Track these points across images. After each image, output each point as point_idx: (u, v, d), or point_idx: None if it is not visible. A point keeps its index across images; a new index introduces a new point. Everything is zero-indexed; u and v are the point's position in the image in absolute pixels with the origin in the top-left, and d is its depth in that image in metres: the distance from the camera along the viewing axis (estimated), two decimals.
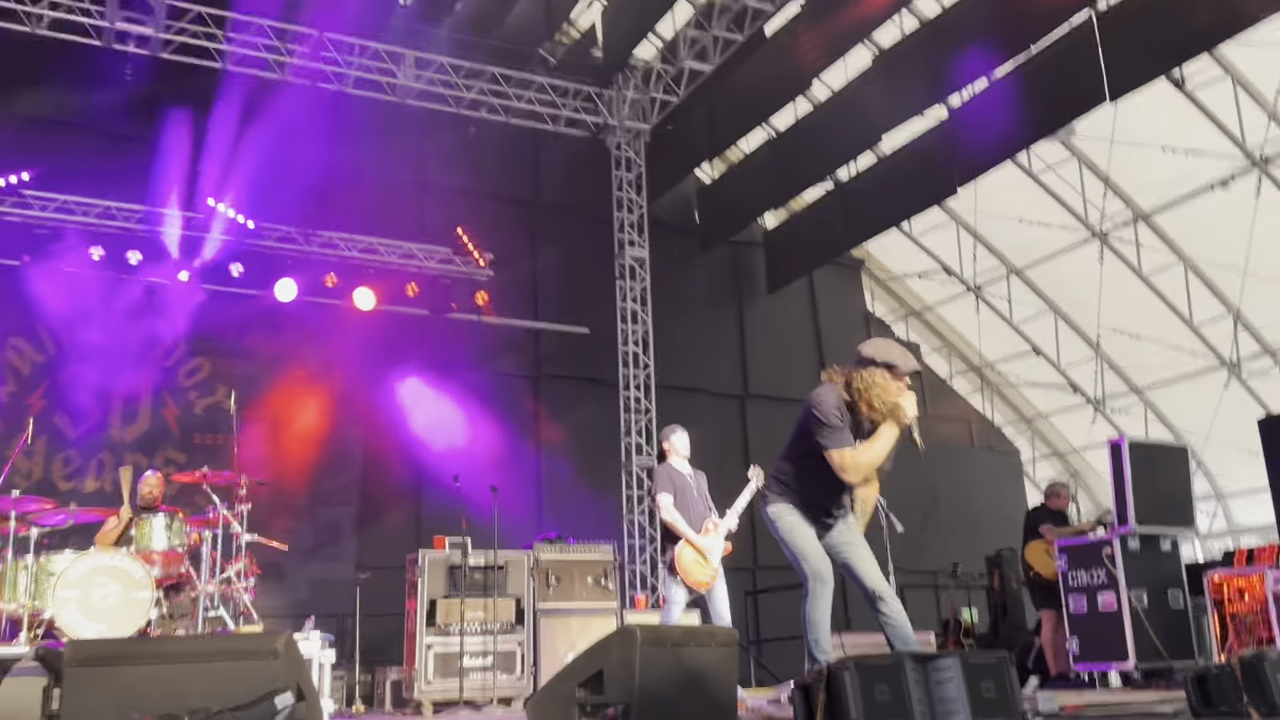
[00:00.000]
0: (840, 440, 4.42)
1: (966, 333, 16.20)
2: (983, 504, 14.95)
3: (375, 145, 11.28)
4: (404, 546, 9.42)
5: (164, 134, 10.09)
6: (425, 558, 8.26)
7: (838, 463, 4.42)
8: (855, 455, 4.41)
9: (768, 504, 4.71)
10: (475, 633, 8.17)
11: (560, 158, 12.97)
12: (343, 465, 10.93)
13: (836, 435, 4.42)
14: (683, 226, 14.04)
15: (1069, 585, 7.47)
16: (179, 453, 10.26)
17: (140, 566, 6.51)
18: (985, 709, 2.70)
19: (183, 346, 10.61)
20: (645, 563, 11.85)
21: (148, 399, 10.36)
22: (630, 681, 3.94)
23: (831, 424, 4.42)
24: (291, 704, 3.29)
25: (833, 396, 4.49)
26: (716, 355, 13.90)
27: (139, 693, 3.27)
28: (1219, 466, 14.49)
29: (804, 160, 12.34)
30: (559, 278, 12.61)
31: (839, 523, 4.67)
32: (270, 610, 9.28)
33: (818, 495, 4.60)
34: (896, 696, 2.65)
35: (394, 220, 11.47)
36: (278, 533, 8.51)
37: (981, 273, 14.95)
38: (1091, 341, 14.63)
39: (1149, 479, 7.28)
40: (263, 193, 10.57)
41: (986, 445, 16.01)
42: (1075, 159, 12.84)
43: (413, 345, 11.41)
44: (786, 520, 4.62)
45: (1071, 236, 13.52)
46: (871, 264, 15.86)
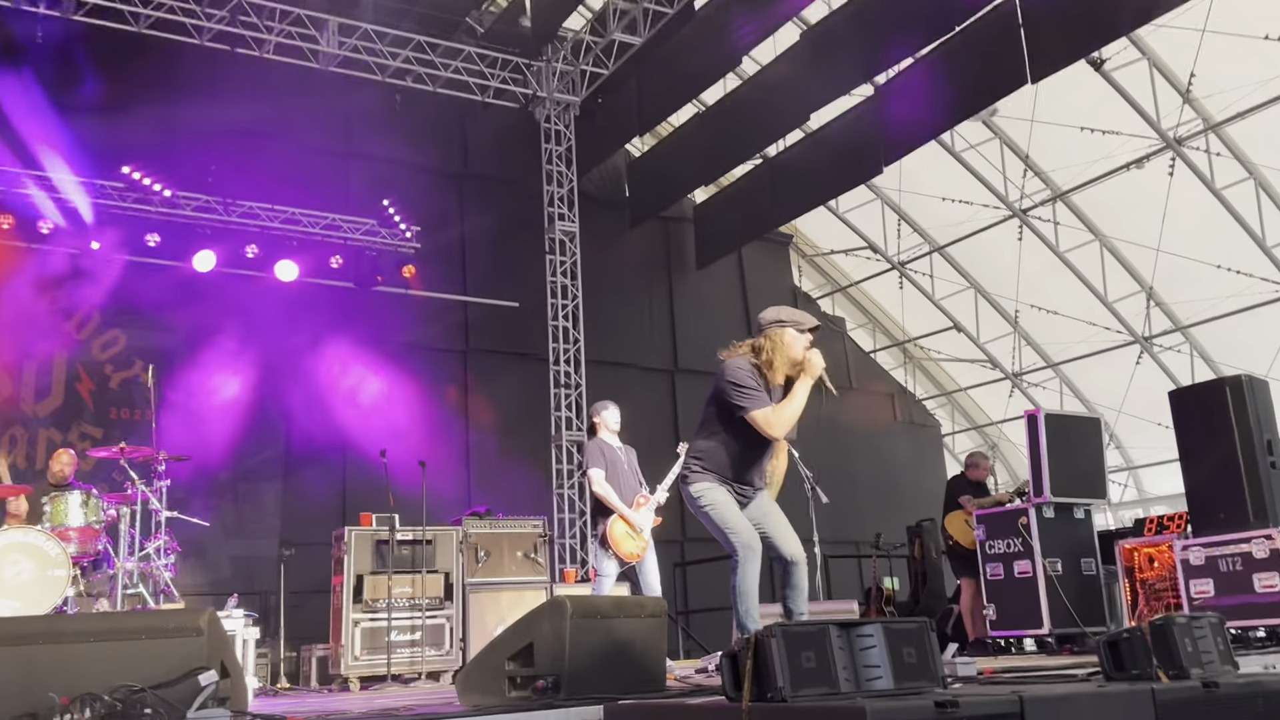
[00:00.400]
0: (759, 402, 4.60)
1: (890, 308, 16.50)
2: (904, 475, 15.28)
3: (298, 114, 11.01)
4: (329, 523, 9.34)
5: (78, 99, 9.73)
6: (352, 534, 8.17)
7: (761, 423, 4.57)
8: (776, 413, 4.60)
9: (689, 483, 4.80)
10: (403, 608, 8.12)
11: (489, 129, 12.82)
12: (266, 440, 10.71)
13: (754, 398, 4.61)
14: (612, 201, 14.01)
15: (986, 554, 7.68)
16: (95, 427, 9.97)
17: (55, 544, 6.33)
18: (907, 673, 2.77)
19: (97, 318, 10.28)
20: (575, 537, 11.89)
21: (61, 372, 10.03)
22: (560, 653, 3.96)
23: (748, 388, 4.61)
24: (215, 682, 3.24)
25: (744, 365, 4.69)
26: (646, 330, 13.94)
27: (56, 672, 3.19)
28: (1130, 438, 15.02)
29: (734, 136, 12.38)
30: (488, 251, 12.49)
31: (757, 495, 4.81)
32: (191, 588, 9.12)
33: (738, 469, 4.72)
34: (821, 662, 2.70)
35: (318, 191, 11.22)
36: (199, 509, 8.34)
37: (905, 250, 15.22)
38: (1009, 317, 15.01)
39: (1063, 450, 7.50)
40: (180, 161, 10.28)
41: (908, 419, 16.34)
42: (997, 139, 13.12)
43: (338, 318, 11.21)
44: (710, 497, 4.72)
45: (992, 215, 13.83)
46: (799, 240, 16.03)
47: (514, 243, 12.56)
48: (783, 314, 4.80)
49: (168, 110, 10.40)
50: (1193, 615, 3.22)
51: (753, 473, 4.78)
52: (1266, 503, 6.45)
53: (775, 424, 4.59)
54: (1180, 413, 7.07)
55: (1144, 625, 3.06)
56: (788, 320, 4.75)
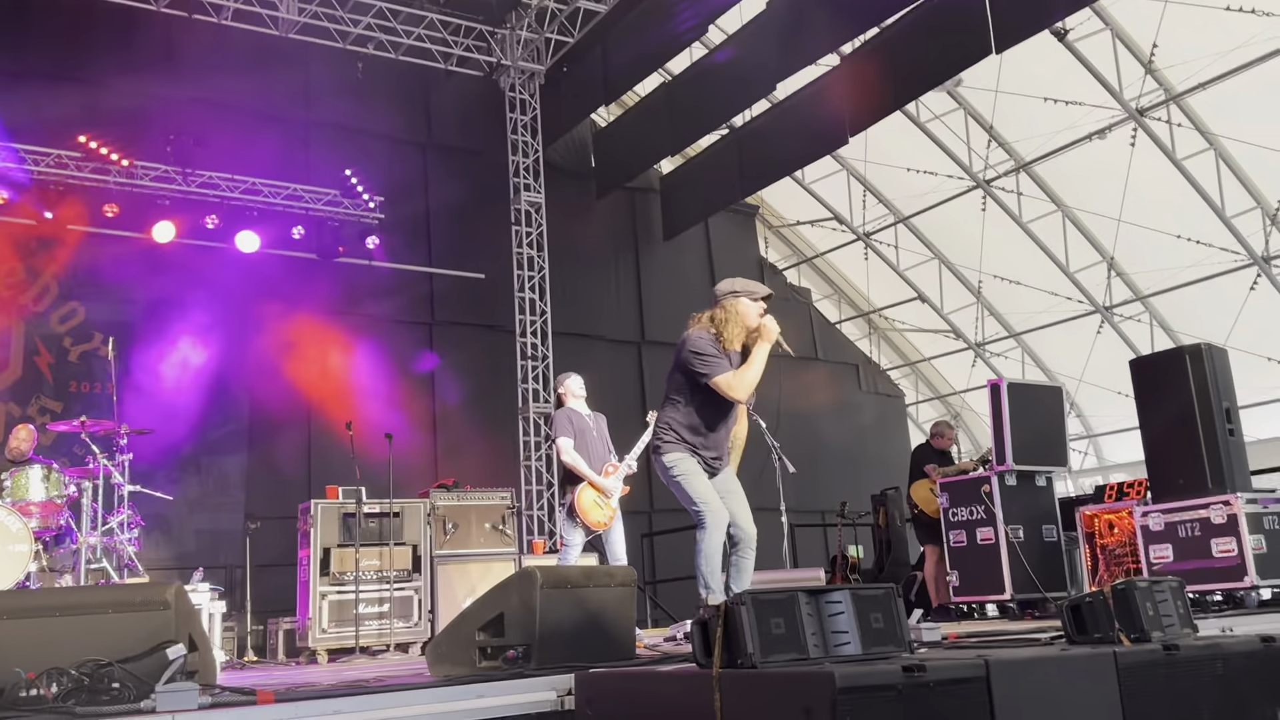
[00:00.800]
0: (720, 368, 4.83)
1: (855, 279, 16.57)
2: (869, 445, 15.43)
3: (258, 82, 10.82)
4: (295, 496, 9.27)
5: (32, 66, 9.51)
6: (318, 507, 8.13)
7: (724, 387, 4.81)
8: (738, 377, 4.84)
9: (661, 453, 4.97)
10: (371, 580, 8.11)
11: (453, 98, 12.68)
12: (229, 414, 10.60)
13: (716, 364, 4.83)
14: (579, 171, 13.92)
15: (950, 521, 7.78)
16: (54, 401, 9.81)
17: (16, 519, 6.25)
18: (874, 639, 2.81)
19: (55, 290, 10.09)
20: (543, 508, 11.90)
21: (19, 345, 9.84)
22: (531, 623, 3.98)
23: (709, 355, 4.85)
24: (184, 655, 3.23)
25: (705, 335, 4.91)
26: (613, 301, 13.91)
27: (22, 647, 3.17)
28: (1091, 407, 15.24)
29: (700, 106, 12.33)
30: (453, 222, 12.38)
31: (723, 470, 5.03)
32: (156, 562, 9.05)
33: (705, 438, 4.94)
34: (790, 629, 2.73)
35: (279, 161, 11.05)
36: (162, 483, 8.27)
37: (870, 221, 15.28)
38: (973, 288, 15.14)
39: (1025, 419, 7.60)
40: (138, 131, 10.08)
41: (873, 389, 16.47)
42: (961, 109, 13.17)
43: (301, 289, 11.07)
44: (682, 467, 4.90)
45: (956, 185, 13.90)
46: (766, 211, 16.03)
47: (479, 213, 12.46)
48: (736, 285, 5.02)
49: (125, 79, 10.20)
50: (1153, 580, 3.28)
51: (720, 442, 4.99)
52: (1224, 469, 6.58)
53: (737, 387, 4.82)
54: (1140, 381, 7.18)
55: (1106, 590, 3.12)
56: (741, 290, 4.99)
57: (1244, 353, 10.34)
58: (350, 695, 3.25)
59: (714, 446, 4.96)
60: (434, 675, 4.18)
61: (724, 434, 5.01)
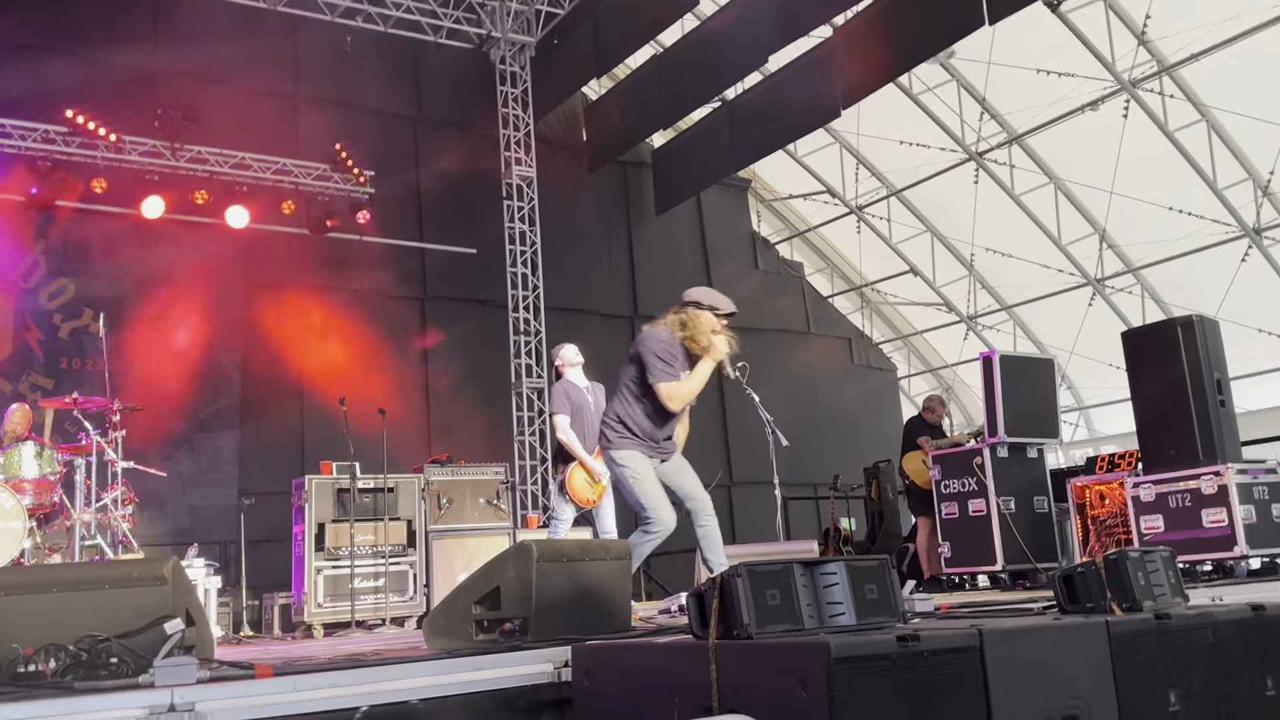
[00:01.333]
0: (664, 374, 4.96)
1: (847, 253, 16.57)
2: (861, 418, 15.48)
3: (246, 56, 10.72)
4: (288, 471, 9.27)
5: (15, 39, 9.40)
6: (312, 482, 8.14)
7: (664, 394, 4.96)
8: (679, 387, 4.98)
9: (612, 448, 5.11)
10: (366, 555, 8.13)
11: (443, 71, 12.59)
12: (221, 389, 10.58)
13: (662, 370, 4.96)
14: (570, 145, 13.86)
15: (942, 493, 7.82)
16: (45, 378, 9.77)
17: (10, 496, 6.25)
18: (869, 609, 2.82)
19: (43, 267, 10.03)
20: (536, 483, 11.92)
21: (8, 322, 9.79)
22: (527, 596, 4.00)
23: (663, 359, 4.97)
24: (181, 630, 3.24)
25: (665, 336, 5.03)
26: (606, 276, 13.88)
27: (19, 623, 3.18)
28: (1082, 379, 15.30)
29: (692, 79, 12.26)
30: (444, 196, 12.30)
31: (672, 456, 5.23)
32: (150, 538, 9.05)
33: (656, 431, 5.10)
34: (786, 600, 2.75)
35: (268, 135, 10.97)
36: (155, 459, 8.27)
37: (863, 194, 15.26)
38: (965, 261, 15.14)
39: (1017, 391, 7.63)
40: (126, 105, 9.98)
41: (865, 362, 16.50)
42: (954, 81, 13.12)
43: (291, 265, 11.03)
44: (635, 468, 5.07)
45: (949, 158, 13.88)
46: (758, 185, 16.00)
47: (471, 188, 12.39)
48: (703, 296, 5.14)
49: (112, 52, 10.10)
50: (1145, 549, 3.31)
51: (666, 435, 5.17)
52: (1215, 440, 6.61)
53: (674, 398, 4.98)
54: (1132, 353, 7.20)
55: (1098, 560, 3.14)
56: (705, 303, 5.09)
57: (1235, 324, 10.38)
58: (348, 669, 3.27)
59: (665, 439, 5.15)
60: (431, 648, 4.20)
61: (674, 427, 5.21)
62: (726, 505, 14.02)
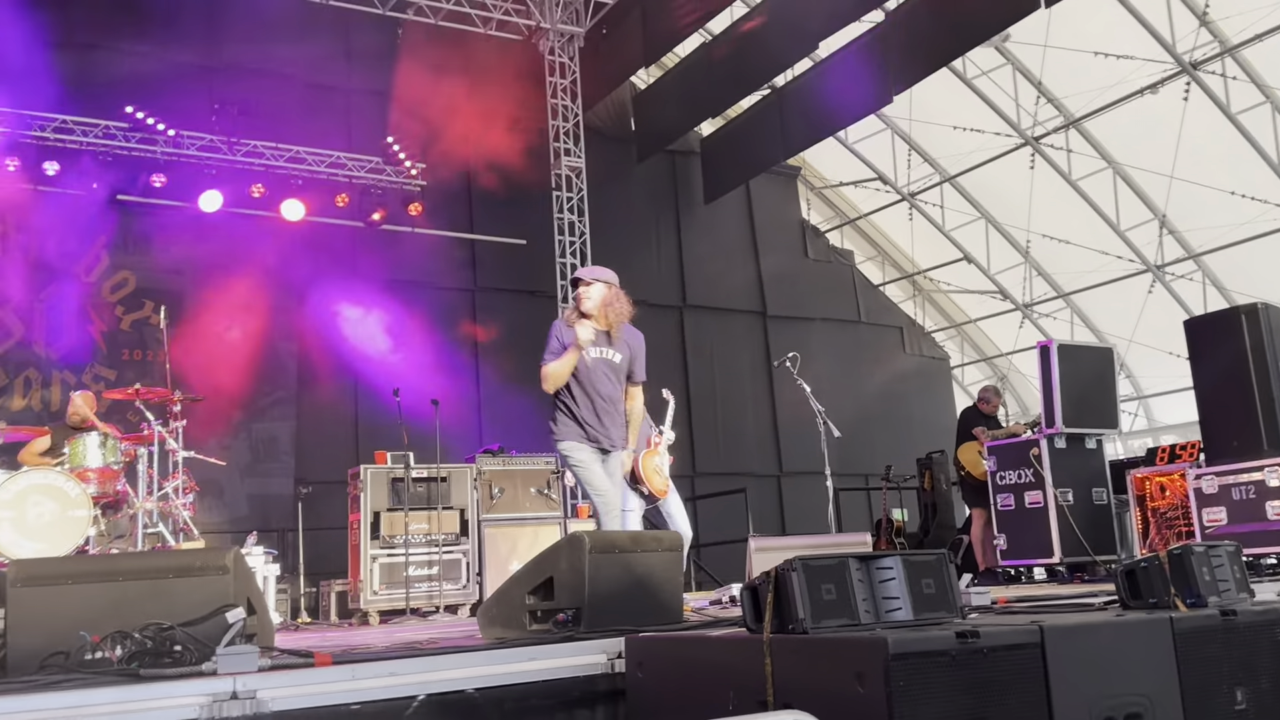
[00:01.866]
0: (549, 356, 5.18)
1: (899, 240, 16.38)
2: (913, 408, 15.33)
3: (300, 50, 10.84)
4: (343, 461, 9.40)
5: (78, 38, 9.59)
6: (367, 472, 8.24)
7: (541, 373, 5.19)
8: (546, 368, 5.16)
9: (556, 439, 5.23)
10: (420, 544, 8.22)
11: (492, 62, 12.62)
12: (277, 380, 10.76)
13: (546, 352, 5.20)
14: (619, 135, 13.85)
15: (997, 485, 7.72)
16: (108, 369, 10.00)
17: (76, 484, 6.39)
18: (926, 604, 2.80)
19: (106, 260, 10.26)
20: None
21: (73, 315, 10.03)
22: (580, 587, 4.01)
23: (550, 341, 5.21)
24: (243, 618, 3.30)
25: (558, 320, 5.34)
26: (654, 266, 13.87)
27: (87, 611, 3.25)
28: (1141, 368, 15.00)
29: (741, 66, 12.18)
30: (494, 188, 12.35)
31: (613, 456, 5.29)
32: (210, 526, 9.23)
33: (591, 416, 5.20)
34: (841, 595, 2.73)
35: (322, 129, 11.10)
36: (214, 449, 8.42)
37: (915, 180, 15.07)
38: (1020, 248, 14.91)
39: (1075, 381, 7.50)
40: (183, 101, 10.16)
41: (917, 351, 16.33)
42: (1009, 65, 12.90)
43: (345, 257, 11.18)
44: (577, 456, 5.20)
45: (1004, 143, 13.65)
46: (808, 172, 15.87)
47: (520, 179, 12.43)
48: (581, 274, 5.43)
49: (170, 49, 10.27)
50: (1210, 543, 3.23)
51: (606, 424, 5.22)
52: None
53: (544, 378, 5.18)
54: (1195, 341, 7.05)
55: (1161, 554, 3.08)
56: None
57: None
58: (405, 657, 3.31)
59: (601, 426, 5.20)
60: (486, 638, 4.23)
61: (610, 411, 5.25)
62: (776, 496, 13.99)
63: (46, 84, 9.47)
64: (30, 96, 9.45)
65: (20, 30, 9.24)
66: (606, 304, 5.26)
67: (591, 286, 5.29)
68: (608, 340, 5.29)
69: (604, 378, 5.23)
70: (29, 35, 9.31)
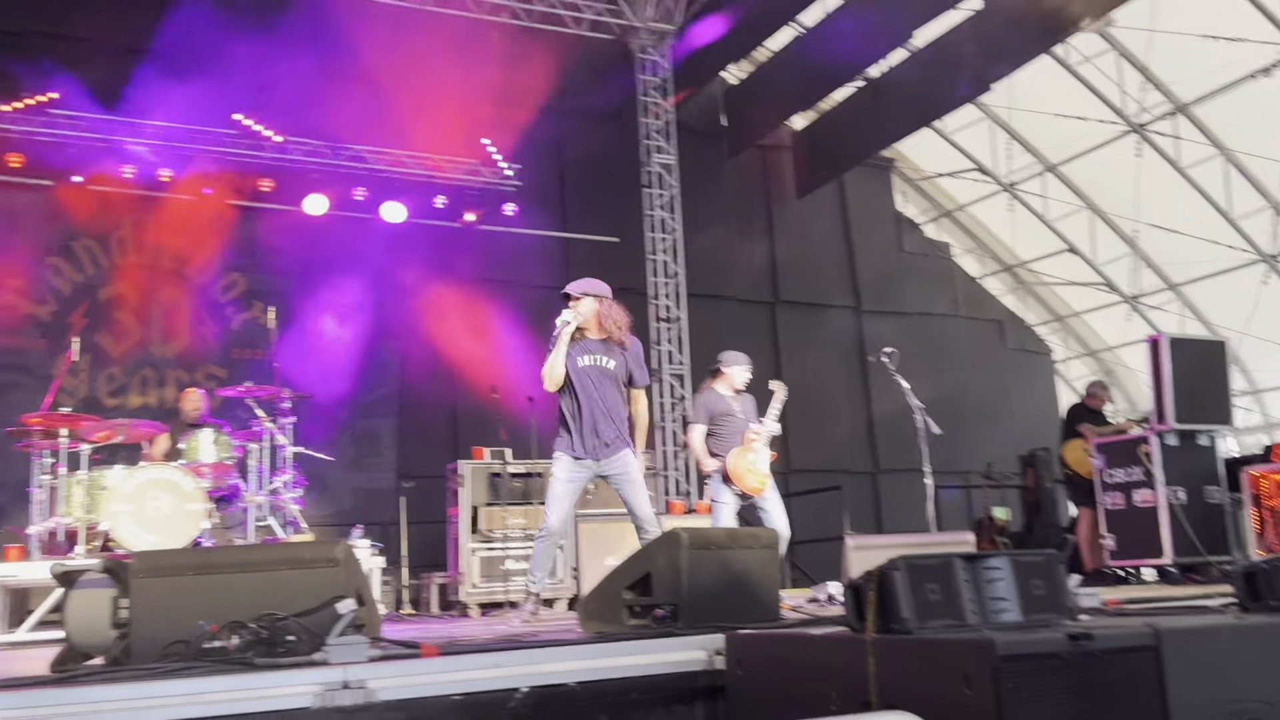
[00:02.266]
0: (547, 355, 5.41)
1: (999, 232, 15.99)
2: (1014, 404, 14.97)
3: (397, 55, 11.07)
4: (443, 456, 9.60)
5: (188, 48, 9.96)
6: (466, 467, 8.40)
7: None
8: (543, 367, 5.42)
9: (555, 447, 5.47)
10: (517, 538, 8.34)
11: (584, 62, 12.71)
12: (380, 377, 11.04)
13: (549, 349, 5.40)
14: (710, 131, 13.81)
15: (1105, 483, 7.51)
16: (219, 368, 10.40)
17: (190, 479, 6.66)
18: (1035, 606, 2.74)
19: (216, 263, 10.65)
20: (679, 469, 11.98)
21: (185, 315, 10.45)
22: (677, 583, 4.04)
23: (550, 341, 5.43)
24: (353, 609, 3.39)
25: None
26: (745, 262, 13.81)
27: (203, 601, 3.38)
28: (1256, 361, 14.38)
29: (834, 58, 12.01)
30: (586, 186, 12.48)
31: (616, 458, 5.35)
32: (316, 519, 9.49)
33: (580, 424, 5.34)
34: (947, 595, 2.69)
35: (419, 132, 11.32)
36: (320, 444, 8.66)
37: (1015, 170, 14.68)
38: (1127, 238, 14.42)
39: (1187, 375, 7.25)
40: (287, 107, 10.47)
41: (1019, 345, 15.93)
42: (1113, 50, 12.48)
43: (443, 257, 11.39)
44: (554, 469, 5.43)
45: (1108, 130, 13.21)
46: (902, 164, 15.60)
47: (612, 177, 12.52)
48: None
49: (271, 57, 10.57)
50: None
51: (601, 431, 5.33)
52: None
53: (542, 376, 5.41)
54: None
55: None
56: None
57: None
58: (509, 649, 3.37)
59: (596, 436, 5.31)
60: (585, 632, 4.29)
61: (605, 418, 5.34)
62: (871, 494, 13.81)
63: (157, 93, 9.87)
64: (142, 106, 9.84)
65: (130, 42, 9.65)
66: (602, 315, 5.45)
67: (580, 301, 5.47)
68: (604, 348, 5.46)
69: (599, 385, 5.40)
70: (139, 46, 9.73)
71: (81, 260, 10.22)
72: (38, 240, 9.91)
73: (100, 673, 3.30)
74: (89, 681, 2.99)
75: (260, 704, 2.85)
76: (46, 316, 9.92)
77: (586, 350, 5.43)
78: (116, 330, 10.16)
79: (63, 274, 10.13)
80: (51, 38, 10.02)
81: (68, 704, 2.73)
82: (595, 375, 5.42)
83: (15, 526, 7.00)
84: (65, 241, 10.08)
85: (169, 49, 9.91)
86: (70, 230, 9.97)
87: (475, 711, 3.05)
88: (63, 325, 9.77)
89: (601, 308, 5.48)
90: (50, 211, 9.75)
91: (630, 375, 5.54)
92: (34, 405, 7.19)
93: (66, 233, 9.99)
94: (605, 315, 5.47)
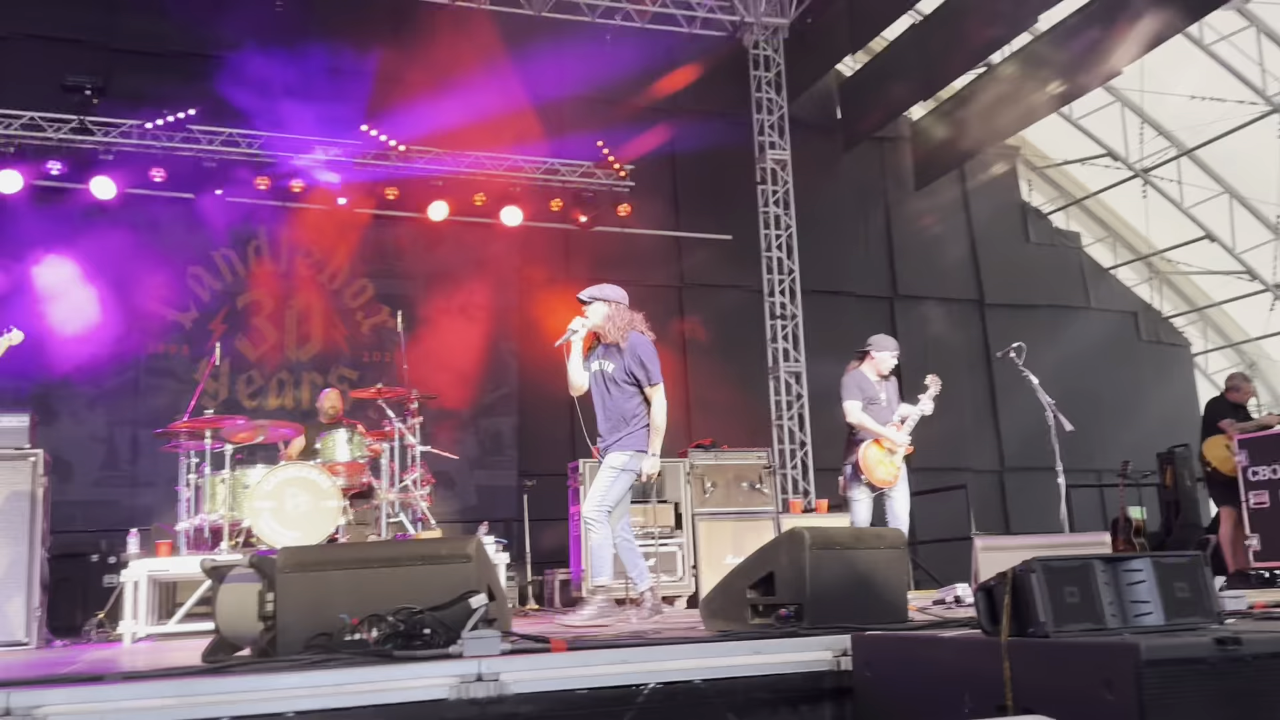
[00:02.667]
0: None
1: (1132, 220, 15.37)
2: (1149, 399, 14.36)
3: (514, 62, 11.31)
4: (562, 455, 9.73)
5: (317, 63, 10.35)
6: (585, 465, 8.50)
7: None
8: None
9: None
10: (637, 536, 8.38)
11: (697, 60, 12.72)
12: (500, 378, 11.30)
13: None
14: (824, 125, 13.65)
15: (1249, 481, 7.16)
16: (351, 370, 10.81)
17: (327, 477, 6.93)
18: (1179, 609, 2.64)
19: (346, 269, 11.08)
20: (796, 467, 11.88)
21: (318, 320, 10.90)
22: (801, 583, 4.01)
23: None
24: (485, 604, 3.49)
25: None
26: (862, 256, 13.62)
27: (344, 595, 3.53)
28: None
29: (954, 46, 11.71)
30: (699, 184, 12.51)
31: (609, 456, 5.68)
32: (443, 516, 9.75)
33: (596, 425, 5.74)
34: (1086, 598, 2.61)
35: (536, 137, 11.53)
36: (445, 443, 8.91)
37: (1148, 155, 14.09)
38: (1270, 224, 13.69)
39: None
40: (409, 117, 10.79)
41: (1154, 338, 15.28)
42: (1253, 27, 11.87)
43: (559, 259, 11.61)
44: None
45: (1248, 111, 12.57)
46: (1027, 151, 15.13)
47: (725, 174, 12.50)
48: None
49: (395, 68, 10.93)
50: None
51: (605, 430, 5.71)
52: None
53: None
54: None
55: None
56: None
57: None
58: (636, 645, 3.41)
59: (601, 437, 5.72)
60: (709, 630, 4.30)
61: (603, 419, 5.69)
62: (999, 493, 13.45)
63: (289, 108, 10.29)
64: (275, 120, 10.26)
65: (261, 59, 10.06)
66: (608, 319, 5.64)
67: (590, 306, 5.67)
68: (607, 351, 5.69)
69: (602, 388, 5.69)
70: (269, 63, 10.14)
71: (220, 269, 10.73)
72: (180, 251, 10.47)
73: (249, 663, 3.48)
74: (239, 672, 3.15)
75: (399, 695, 2.96)
76: (189, 324, 10.47)
77: (597, 355, 5.73)
78: (254, 335, 10.66)
79: (203, 283, 10.66)
80: (190, 56, 10.55)
81: (219, 693, 2.88)
82: (600, 379, 5.71)
83: (165, 524, 7.38)
84: (205, 251, 10.59)
85: (300, 65, 10.31)
86: (210, 240, 10.48)
87: (603, 706, 3.10)
88: (204, 331, 10.31)
89: (610, 311, 5.64)
90: (191, 223, 10.28)
91: (631, 375, 5.64)
92: (179, 407, 7.59)
93: (207, 243, 10.50)
94: (608, 318, 5.64)
